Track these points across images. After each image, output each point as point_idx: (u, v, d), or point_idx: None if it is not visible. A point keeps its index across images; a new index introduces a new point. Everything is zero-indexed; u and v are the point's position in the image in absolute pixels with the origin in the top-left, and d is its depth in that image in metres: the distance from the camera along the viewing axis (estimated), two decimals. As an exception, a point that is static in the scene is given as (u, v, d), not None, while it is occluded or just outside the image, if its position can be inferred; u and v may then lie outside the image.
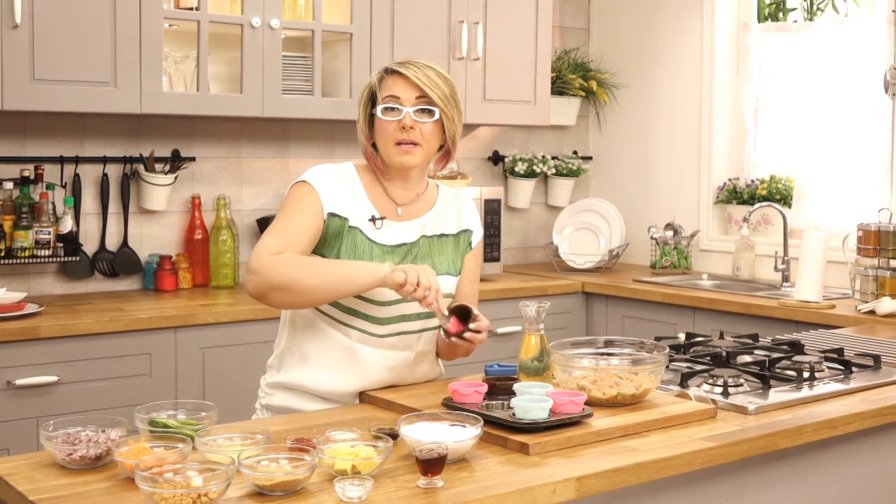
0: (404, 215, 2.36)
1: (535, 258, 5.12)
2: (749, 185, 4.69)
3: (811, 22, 4.54)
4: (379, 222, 2.31)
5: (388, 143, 2.28)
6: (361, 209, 2.30)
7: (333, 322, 2.29)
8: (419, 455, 1.71)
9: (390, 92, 2.27)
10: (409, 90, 2.27)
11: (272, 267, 2.16)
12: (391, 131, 2.27)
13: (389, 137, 2.27)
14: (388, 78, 2.29)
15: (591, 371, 2.18)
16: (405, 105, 2.26)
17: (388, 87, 2.28)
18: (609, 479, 1.83)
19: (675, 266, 4.71)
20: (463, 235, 2.44)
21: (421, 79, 2.26)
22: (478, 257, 2.50)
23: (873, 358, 2.66)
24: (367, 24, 4.04)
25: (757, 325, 3.74)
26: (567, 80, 4.98)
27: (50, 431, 1.86)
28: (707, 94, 4.79)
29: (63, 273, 3.83)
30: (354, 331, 2.28)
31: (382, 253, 2.29)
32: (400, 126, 2.26)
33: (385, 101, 2.27)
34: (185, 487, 1.59)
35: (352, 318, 2.28)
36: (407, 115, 2.26)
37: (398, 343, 2.32)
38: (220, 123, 4.13)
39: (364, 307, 2.27)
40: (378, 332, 2.29)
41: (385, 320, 2.28)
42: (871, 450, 2.36)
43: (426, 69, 2.29)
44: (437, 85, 2.28)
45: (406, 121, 2.26)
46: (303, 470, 1.69)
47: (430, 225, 2.39)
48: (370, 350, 2.29)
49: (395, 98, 2.27)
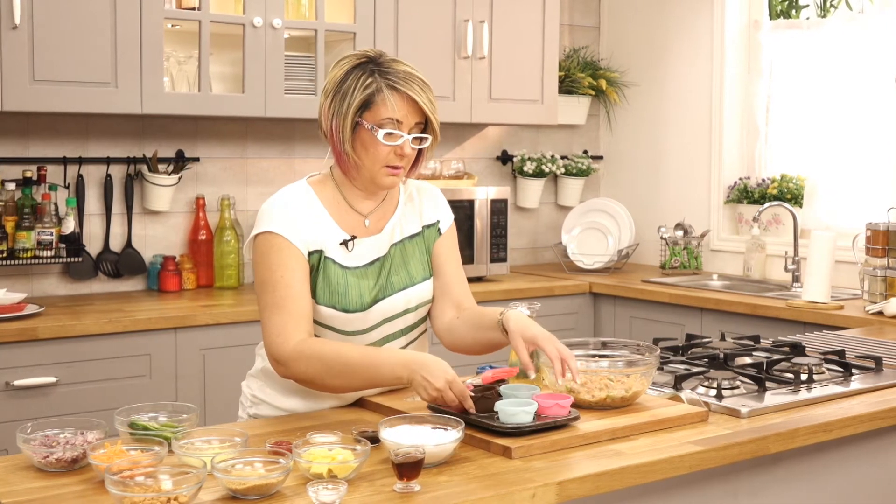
0: (372, 227, 2.26)
1: (544, 258, 5.08)
2: (760, 185, 4.63)
3: (823, 19, 4.48)
4: (350, 244, 2.20)
5: (377, 164, 2.16)
6: (331, 235, 2.20)
7: None
8: (394, 459, 1.69)
9: (394, 114, 2.12)
10: (411, 114, 2.15)
11: (295, 364, 2.09)
12: (385, 154, 2.15)
13: (381, 159, 2.16)
14: (394, 96, 2.13)
15: (581, 373, 2.14)
16: (405, 131, 2.15)
17: (392, 107, 2.12)
18: (592, 483, 1.80)
19: (685, 266, 4.66)
20: (428, 231, 2.34)
21: (426, 105, 2.15)
22: (450, 241, 2.37)
23: (874, 360, 2.61)
24: (370, 23, 4.02)
25: (764, 326, 3.69)
26: (576, 78, 4.94)
27: (28, 434, 1.84)
28: (718, 92, 4.73)
29: (67, 274, 3.83)
30: None
31: (357, 279, 2.20)
32: (396, 153, 2.16)
33: (386, 124, 2.13)
34: (156, 491, 1.57)
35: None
36: (406, 143, 2.15)
37: None
38: (225, 124, 4.12)
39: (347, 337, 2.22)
40: None
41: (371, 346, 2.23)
42: (868, 454, 2.31)
43: (424, 87, 2.16)
44: (434, 106, 2.17)
45: (405, 149, 2.16)
46: (276, 474, 1.66)
47: (398, 230, 2.29)
48: None
49: (397, 123, 2.13)
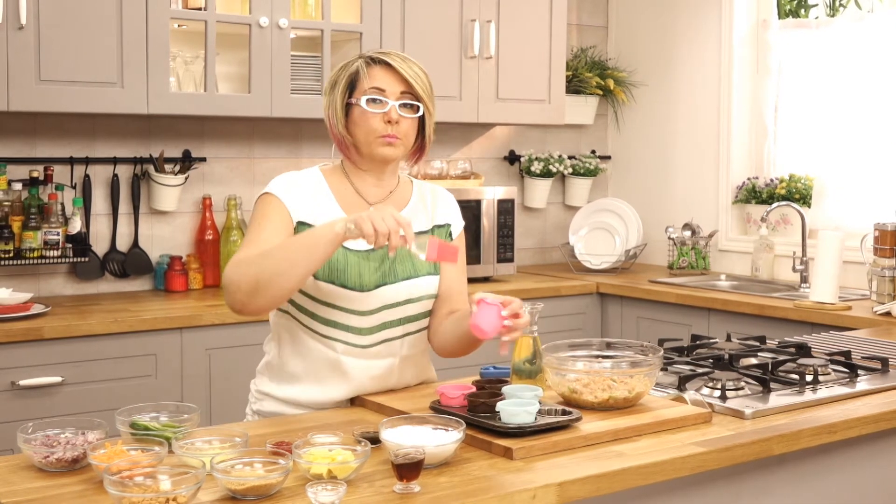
0: None
1: (552, 259, 5.07)
2: (768, 185, 4.61)
3: (832, 18, 4.46)
4: None
5: (371, 136, 2.21)
6: (329, 213, 2.23)
7: (317, 336, 2.24)
8: (394, 460, 1.68)
9: (375, 83, 2.21)
10: (394, 83, 2.21)
11: (235, 273, 2.09)
12: (375, 124, 2.20)
13: (372, 130, 2.21)
14: (372, 68, 2.22)
15: (584, 374, 2.14)
16: (390, 98, 2.20)
17: (373, 77, 2.21)
18: (593, 484, 1.79)
19: (693, 266, 4.65)
20: (439, 231, 2.36)
21: (407, 72, 2.21)
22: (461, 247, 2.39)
23: (881, 361, 2.59)
24: (377, 23, 4.01)
25: (772, 326, 3.68)
26: (584, 78, 4.93)
27: (28, 434, 1.84)
28: (726, 92, 4.72)
29: (74, 274, 3.84)
30: (339, 343, 2.23)
31: (359, 259, 2.21)
32: (385, 119, 2.20)
33: (369, 92, 2.21)
34: (154, 491, 1.57)
35: (334, 330, 2.23)
36: (392, 109, 2.20)
37: (383, 351, 2.27)
38: (232, 124, 4.12)
39: (345, 318, 2.22)
40: (362, 342, 2.24)
41: (367, 330, 2.24)
42: (873, 456, 2.29)
43: (409, 62, 2.24)
44: (422, 79, 2.23)
45: (392, 114, 2.20)
46: (276, 474, 1.66)
47: None
48: (355, 361, 2.24)
49: (380, 90, 2.20)
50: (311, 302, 2.22)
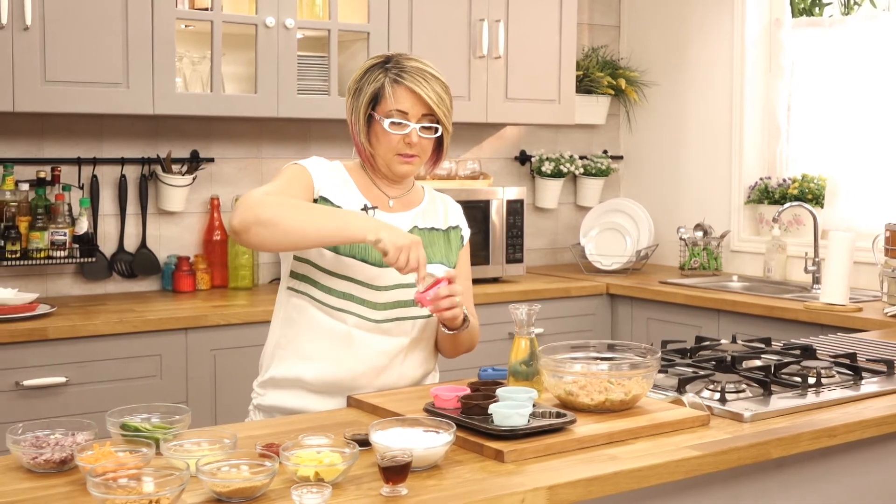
0: (396, 207, 2.39)
1: (563, 259, 5.05)
2: (781, 185, 4.57)
3: (846, 17, 4.42)
4: (371, 211, 2.33)
5: (390, 153, 2.31)
6: (353, 199, 2.33)
7: (329, 310, 2.29)
8: (381, 462, 1.67)
9: (399, 106, 2.27)
10: (417, 105, 2.28)
11: (262, 203, 2.13)
12: (394, 143, 2.29)
13: (392, 149, 2.30)
14: (397, 88, 2.27)
15: (580, 376, 2.11)
16: (411, 121, 2.28)
17: (398, 99, 2.27)
18: (584, 488, 1.76)
19: (705, 267, 4.61)
20: (453, 231, 2.47)
21: (431, 97, 2.27)
22: (466, 255, 2.53)
23: (886, 364, 2.55)
24: (384, 23, 4.00)
25: (782, 328, 3.64)
26: (595, 78, 4.90)
27: (18, 435, 1.84)
28: (738, 91, 4.68)
29: (81, 274, 3.85)
30: (351, 316, 2.28)
31: None
32: (405, 141, 2.29)
33: (392, 114, 2.28)
34: (138, 493, 1.56)
35: (348, 303, 2.28)
36: (413, 132, 2.28)
37: (394, 328, 2.32)
38: (240, 124, 4.12)
39: (361, 292, 2.28)
40: (375, 317, 2.29)
41: (381, 305, 2.29)
42: (876, 460, 2.26)
43: (433, 81, 2.28)
44: (444, 101, 2.29)
45: (412, 137, 2.28)
46: (261, 476, 1.65)
47: (421, 218, 2.41)
48: (366, 335, 2.29)
49: (402, 113, 2.27)
50: (329, 277, 2.28)
